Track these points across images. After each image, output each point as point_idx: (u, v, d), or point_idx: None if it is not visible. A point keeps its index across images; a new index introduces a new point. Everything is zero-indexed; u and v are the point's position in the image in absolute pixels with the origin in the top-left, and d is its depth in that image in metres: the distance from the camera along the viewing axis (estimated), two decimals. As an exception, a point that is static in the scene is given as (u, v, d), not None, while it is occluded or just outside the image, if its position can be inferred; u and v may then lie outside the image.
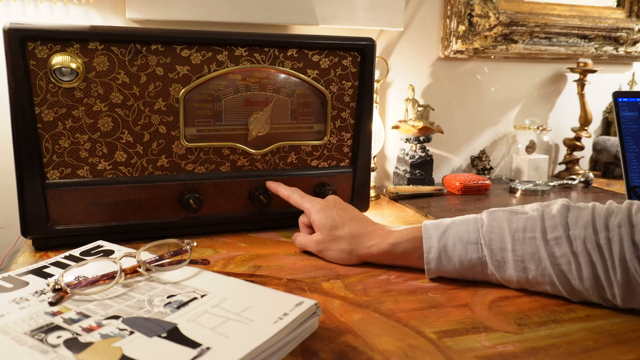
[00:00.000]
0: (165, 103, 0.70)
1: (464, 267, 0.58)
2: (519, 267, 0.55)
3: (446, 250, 0.58)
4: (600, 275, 0.51)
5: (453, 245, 0.58)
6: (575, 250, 0.52)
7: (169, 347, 0.40)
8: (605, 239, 0.51)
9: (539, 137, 1.24)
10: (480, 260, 0.57)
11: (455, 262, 0.58)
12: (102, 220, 0.69)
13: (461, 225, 0.59)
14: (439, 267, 0.59)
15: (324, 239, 0.66)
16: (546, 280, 0.54)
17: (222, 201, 0.75)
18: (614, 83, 1.39)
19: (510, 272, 0.56)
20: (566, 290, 0.53)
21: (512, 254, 0.55)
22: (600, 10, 1.31)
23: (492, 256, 0.56)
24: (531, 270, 0.54)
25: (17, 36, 0.61)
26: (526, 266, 0.54)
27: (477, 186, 1.06)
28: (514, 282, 0.56)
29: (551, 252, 0.53)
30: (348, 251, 0.64)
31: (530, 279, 0.55)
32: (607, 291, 0.51)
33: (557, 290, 0.54)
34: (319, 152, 0.80)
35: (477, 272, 0.58)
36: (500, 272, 0.56)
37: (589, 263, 0.51)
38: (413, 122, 1.06)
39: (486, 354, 0.44)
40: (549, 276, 0.53)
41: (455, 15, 1.14)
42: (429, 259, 0.59)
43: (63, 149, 0.67)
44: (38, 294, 0.50)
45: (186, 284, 0.53)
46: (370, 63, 0.79)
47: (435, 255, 0.58)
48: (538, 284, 0.55)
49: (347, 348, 0.45)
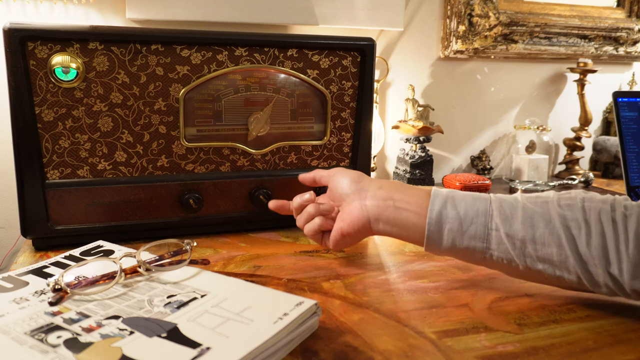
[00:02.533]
0: (165, 103, 0.70)
1: (467, 216, 0.54)
2: (527, 222, 0.52)
3: (454, 199, 0.55)
4: (609, 247, 0.48)
5: (462, 197, 0.55)
6: (587, 219, 0.50)
7: (169, 347, 0.40)
8: (621, 215, 0.49)
9: (539, 137, 1.24)
10: (486, 211, 0.53)
11: (460, 209, 0.54)
12: (102, 220, 0.69)
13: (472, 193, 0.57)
14: (441, 211, 0.54)
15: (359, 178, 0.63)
16: (553, 240, 0.51)
17: (222, 201, 0.75)
18: (614, 83, 1.40)
19: (517, 227, 0.52)
20: (573, 252, 0.50)
21: (522, 211, 0.52)
22: (600, 10, 1.32)
23: (501, 210, 0.53)
24: (539, 228, 0.51)
25: (17, 36, 0.61)
26: (534, 223, 0.51)
27: (477, 186, 1.06)
28: (519, 238, 0.52)
29: (562, 214, 0.51)
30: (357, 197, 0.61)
31: (537, 236, 0.51)
32: (615, 266, 0.48)
33: (564, 255, 0.50)
34: (319, 152, 0.80)
35: (479, 224, 0.53)
36: (506, 226, 0.52)
37: (599, 233, 0.49)
38: (413, 122, 1.06)
39: (486, 354, 0.44)
40: (557, 236, 0.50)
41: (455, 15, 1.14)
42: (434, 203, 0.55)
43: (63, 149, 0.67)
44: (38, 294, 0.50)
45: (186, 284, 0.53)
46: (370, 63, 0.79)
47: (441, 199, 0.55)
48: (544, 244, 0.51)
49: (347, 348, 0.45)
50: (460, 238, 0.54)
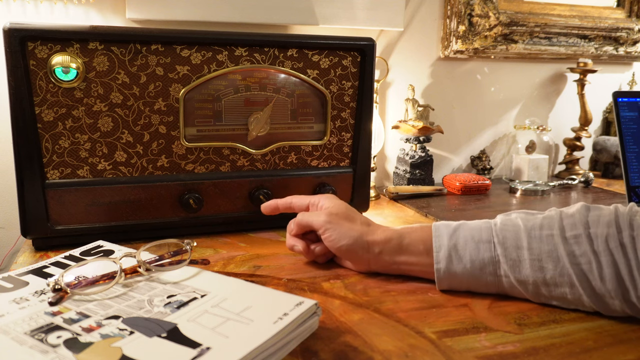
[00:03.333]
0: (165, 103, 0.70)
1: (475, 268, 0.53)
2: (535, 266, 0.51)
3: (457, 249, 0.54)
4: (623, 276, 0.47)
5: (464, 244, 0.54)
6: (596, 250, 0.49)
7: (169, 347, 0.40)
8: (629, 237, 0.48)
9: (539, 137, 1.24)
10: (492, 259, 0.53)
11: (466, 261, 0.54)
12: (102, 220, 0.69)
13: (473, 225, 0.56)
14: (449, 267, 0.54)
15: (337, 213, 0.61)
16: (565, 281, 0.50)
17: (222, 201, 0.75)
18: (614, 83, 1.40)
19: (526, 272, 0.52)
20: (587, 292, 0.49)
21: (528, 252, 0.51)
22: (600, 10, 1.32)
23: (506, 254, 0.52)
24: (549, 270, 0.50)
25: (17, 36, 0.61)
26: (543, 265, 0.51)
27: (477, 186, 1.06)
28: (530, 282, 0.52)
29: (570, 251, 0.50)
30: (359, 232, 0.59)
31: (547, 279, 0.51)
32: (632, 293, 0.47)
33: (577, 294, 0.50)
34: (319, 152, 0.80)
35: (488, 273, 0.53)
36: (515, 272, 0.52)
37: (611, 263, 0.48)
38: (413, 122, 1.06)
39: (486, 354, 0.44)
40: (568, 276, 0.50)
41: (455, 15, 1.14)
42: (438, 258, 0.55)
43: (63, 149, 0.67)
44: (38, 294, 0.50)
45: (186, 284, 0.53)
46: (370, 63, 0.79)
47: (445, 254, 0.55)
48: (556, 285, 0.51)
49: (347, 348, 0.45)
50: (475, 285, 0.55)
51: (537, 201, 1.02)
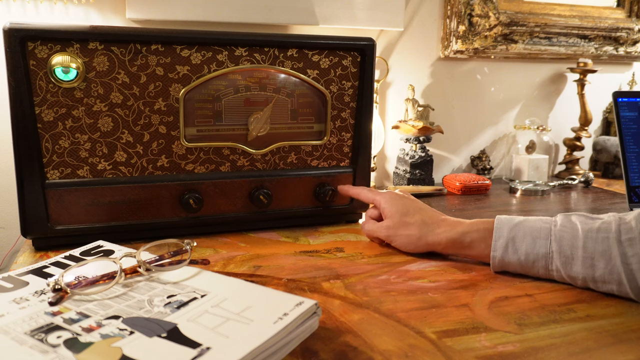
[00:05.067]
0: (165, 103, 0.70)
1: (528, 260, 0.58)
2: (587, 263, 0.55)
3: (514, 242, 0.59)
4: None
5: (522, 238, 0.58)
6: None
7: (169, 347, 0.40)
8: None
9: (539, 137, 1.24)
10: (546, 255, 0.57)
11: (520, 253, 0.58)
12: (102, 220, 0.69)
13: (534, 222, 0.59)
14: (503, 257, 0.60)
15: (394, 224, 0.67)
16: (614, 279, 0.54)
17: (222, 201, 0.75)
18: (614, 83, 1.40)
19: (577, 269, 0.55)
20: (634, 290, 0.53)
21: (582, 250, 0.55)
22: (600, 10, 1.32)
23: (561, 251, 0.56)
24: (599, 268, 0.54)
25: (17, 36, 0.61)
26: (595, 263, 0.54)
27: (477, 186, 1.06)
28: (579, 279, 0.56)
29: (623, 252, 0.53)
30: (417, 237, 0.66)
31: (597, 276, 0.55)
32: None
33: (624, 291, 0.54)
34: (319, 152, 0.80)
35: (540, 267, 0.58)
36: (567, 269, 0.56)
37: None
38: (413, 122, 1.06)
39: (486, 354, 0.44)
40: (617, 274, 0.53)
41: (455, 15, 1.14)
42: (495, 247, 0.60)
43: (63, 149, 0.67)
44: (38, 294, 0.50)
45: (186, 284, 0.53)
46: (370, 63, 0.79)
47: (502, 244, 0.59)
48: (604, 282, 0.54)
49: (347, 348, 0.45)
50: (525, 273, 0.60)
51: (537, 201, 1.02)
